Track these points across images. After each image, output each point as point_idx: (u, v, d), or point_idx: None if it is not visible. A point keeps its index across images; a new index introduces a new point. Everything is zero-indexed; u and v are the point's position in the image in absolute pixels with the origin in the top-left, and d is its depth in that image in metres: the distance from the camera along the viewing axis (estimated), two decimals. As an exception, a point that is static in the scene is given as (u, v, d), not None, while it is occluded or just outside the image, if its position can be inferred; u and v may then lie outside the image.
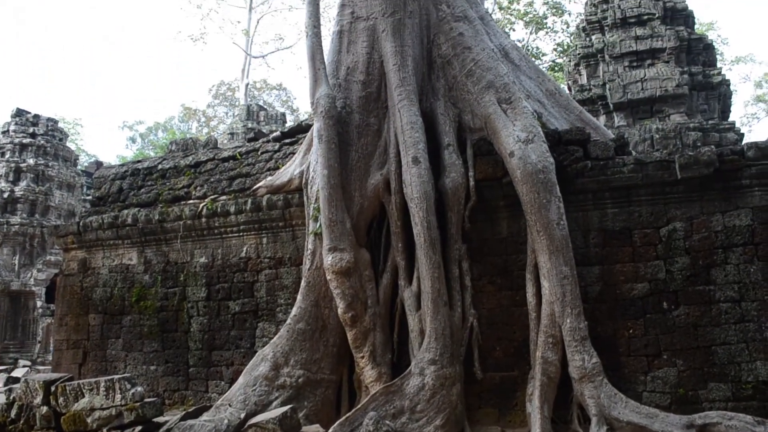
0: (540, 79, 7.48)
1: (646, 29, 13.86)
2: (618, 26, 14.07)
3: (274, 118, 22.57)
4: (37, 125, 22.68)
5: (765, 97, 40.59)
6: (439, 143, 6.62)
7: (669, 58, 13.63)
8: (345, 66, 6.97)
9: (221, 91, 40.74)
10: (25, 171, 21.72)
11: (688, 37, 13.90)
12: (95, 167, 30.34)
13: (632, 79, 13.33)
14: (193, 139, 10.30)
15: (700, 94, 13.65)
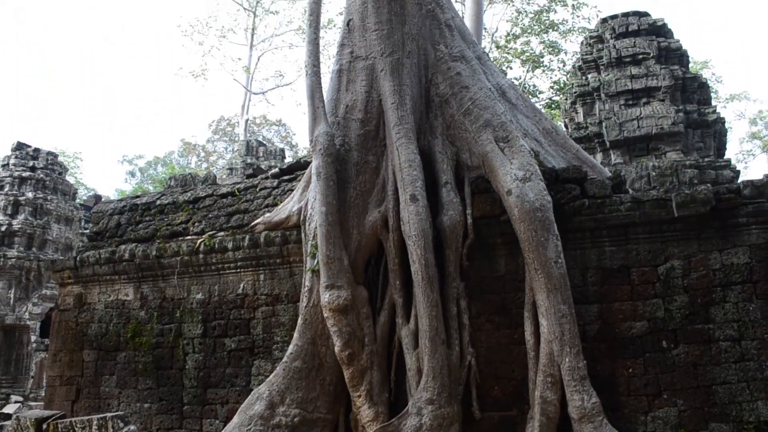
0: (537, 117, 7.56)
1: (641, 68, 14.05)
2: (613, 65, 14.27)
3: (273, 154, 22.72)
4: (37, 159, 22.81)
5: (760, 134, 40.99)
6: (436, 181, 6.65)
7: (664, 97, 13.79)
8: (344, 104, 7.05)
9: (221, 126, 41.08)
10: (24, 204, 21.75)
11: (683, 76, 14.09)
12: (94, 201, 30.39)
13: (628, 118, 13.46)
14: (192, 175, 10.35)
15: (695, 131, 13.78)
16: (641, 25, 14.87)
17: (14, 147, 22.93)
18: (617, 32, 14.77)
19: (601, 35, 15.14)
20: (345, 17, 7.52)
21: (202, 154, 42.64)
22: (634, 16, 15.13)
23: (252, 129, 37.23)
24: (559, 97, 23.45)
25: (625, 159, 13.53)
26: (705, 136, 13.84)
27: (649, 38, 14.54)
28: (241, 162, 21.56)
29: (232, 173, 20.85)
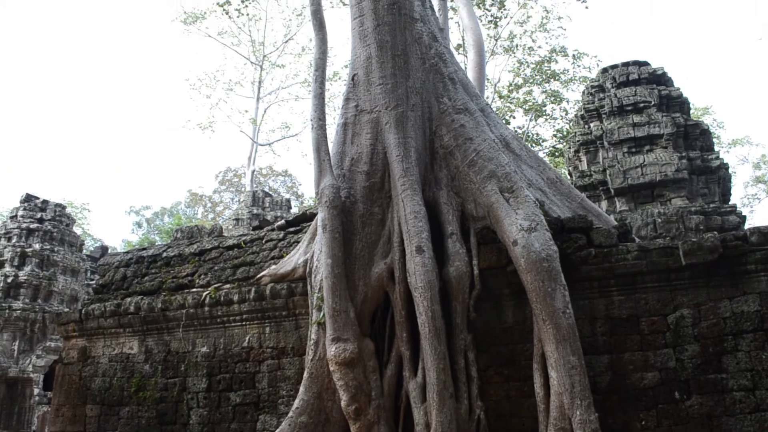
0: (541, 168, 7.61)
1: (643, 116, 14.18)
2: (615, 114, 14.42)
3: (279, 205, 22.84)
4: (45, 210, 23.00)
5: (764, 177, 41.03)
6: (442, 232, 6.65)
7: (667, 144, 13.88)
8: (349, 157, 7.12)
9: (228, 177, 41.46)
10: (31, 256, 21.83)
11: (685, 123, 14.19)
12: (100, 252, 30.49)
13: (632, 165, 13.53)
14: (198, 227, 10.40)
15: (699, 178, 13.81)
16: (641, 74, 15.08)
17: (23, 199, 23.19)
18: (618, 81, 14.97)
19: (602, 84, 15.35)
20: (350, 72, 7.67)
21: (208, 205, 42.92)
22: (634, 65, 15.36)
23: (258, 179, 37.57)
24: (563, 146, 23.66)
25: (630, 206, 13.53)
26: (709, 182, 13.86)
27: (650, 87, 14.73)
28: (248, 213, 21.66)
29: (239, 224, 20.94)
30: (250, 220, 19.79)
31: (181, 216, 43.07)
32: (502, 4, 19.75)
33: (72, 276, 23.15)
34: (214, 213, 41.77)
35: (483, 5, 19.50)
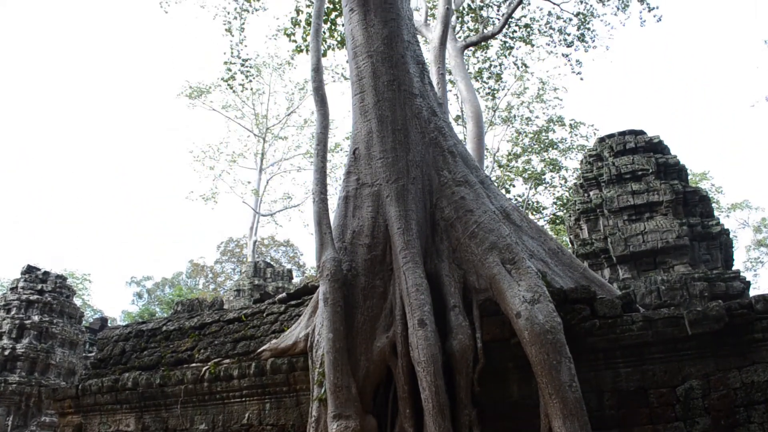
0: (542, 238, 7.62)
1: (642, 184, 14.31)
2: (614, 182, 14.56)
3: (281, 275, 22.78)
4: (46, 282, 22.95)
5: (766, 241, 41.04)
6: (444, 305, 6.60)
7: (667, 211, 13.94)
8: (351, 230, 7.15)
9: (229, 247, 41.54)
10: (29, 328, 21.62)
11: (683, 189, 14.30)
12: (99, 324, 30.21)
13: (633, 233, 13.55)
14: (199, 300, 10.34)
15: (701, 244, 13.80)
16: (638, 143, 15.31)
17: (24, 270, 23.19)
18: (615, 150, 15.19)
19: (600, 153, 15.56)
20: (351, 146, 7.79)
21: (210, 276, 42.81)
22: (631, 134, 15.62)
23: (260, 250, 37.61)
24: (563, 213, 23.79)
25: (633, 274, 13.48)
26: (711, 247, 13.85)
27: (647, 155, 14.93)
28: (249, 284, 21.59)
29: (240, 295, 20.84)
30: (252, 292, 19.72)
31: (183, 287, 42.89)
32: (499, 77, 20.28)
33: (70, 348, 22.87)
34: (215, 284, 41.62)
35: (480, 78, 20.03)
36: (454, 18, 17.22)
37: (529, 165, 25.54)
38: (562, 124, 25.48)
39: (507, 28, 18.36)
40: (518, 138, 25.85)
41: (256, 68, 30.36)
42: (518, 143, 25.84)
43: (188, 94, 32.76)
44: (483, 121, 16.06)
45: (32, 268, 23.40)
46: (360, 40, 7.74)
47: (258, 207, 31.90)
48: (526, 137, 25.75)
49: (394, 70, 7.53)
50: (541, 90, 25.48)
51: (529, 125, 25.82)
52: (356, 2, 7.86)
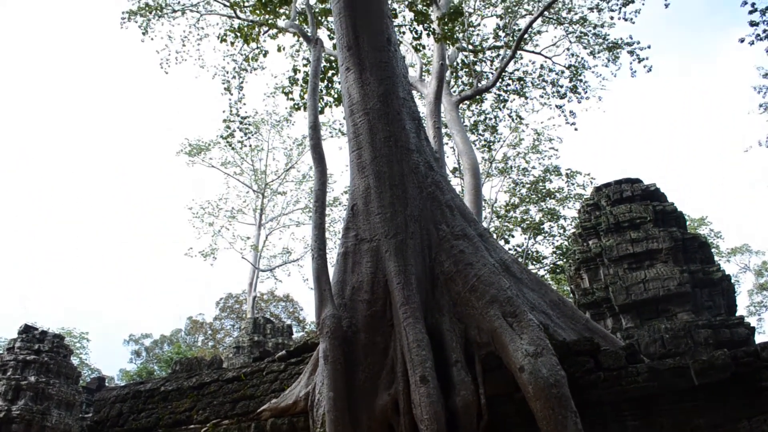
0: (542, 290, 7.59)
1: (640, 232, 14.34)
2: (612, 231, 14.59)
3: (281, 331, 22.57)
4: (43, 342, 22.74)
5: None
6: (446, 360, 6.51)
7: (667, 259, 13.93)
8: (350, 286, 7.12)
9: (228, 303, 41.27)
10: (25, 389, 21.32)
11: (682, 236, 14.32)
12: (96, 384, 29.75)
13: (634, 281, 13.50)
14: (197, 358, 10.20)
15: (703, 290, 13.75)
16: (635, 191, 15.42)
17: (21, 330, 23.02)
18: (612, 199, 15.28)
19: (597, 202, 15.65)
20: (349, 202, 7.83)
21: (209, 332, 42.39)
22: (627, 183, 15.74)
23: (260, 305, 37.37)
24: (563, 262, 23.75)
25: (636, 322, 13.38)
26: (713, 294, 13.79)
27: (644, 203, 15.01)
28: (248, 340, 21.38)
29: (239, 352, 20.59)
30: (251, 348, 19.50)
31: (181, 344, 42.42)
32: (495, 129, 20.55)
33: (67, 410, 22.49)
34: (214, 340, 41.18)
35: (476, 131, 20.30)
36: (448, 73, 17.57)
37: (528, 215, 25.66)
38: (559, 174, 25.71)
39: (500, 82, 18.70)
40: (516, 188, 26.05)
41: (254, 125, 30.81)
42: (516, 194, 26.02)
43: (188, 152, 33.11)
44: (480, 172, 16.20)
45: (30, 327, 23.24)
46: (356, 98, 7.87)
47: (257, 262, 31.86)
48: (523, 188, 25.95)
49: (390, 127, 7.64)
50: (537, 141, 25.82)
51: (525, 176, 26.06)
52: (352, 61, 8.03)
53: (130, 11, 17.40)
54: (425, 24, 13.27)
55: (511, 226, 25.37)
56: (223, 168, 33.89)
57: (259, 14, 14.76)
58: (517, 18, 19.75)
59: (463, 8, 18.46)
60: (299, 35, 12.43)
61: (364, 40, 8.04)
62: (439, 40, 13.90)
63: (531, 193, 25.66)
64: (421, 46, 16.97)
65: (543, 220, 25.64)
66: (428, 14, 13.75)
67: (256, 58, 16.51)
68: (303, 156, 33.89)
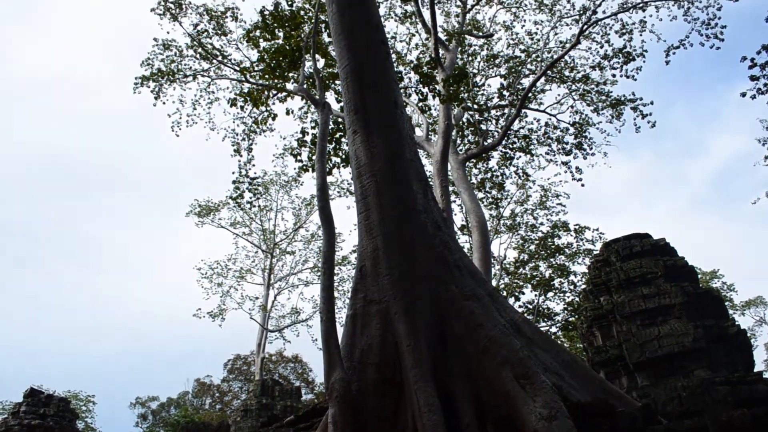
0: (555, 350, 7.48)
1: (652, 288, 14.22)
2: (623, 287, 14.47)
3: (290, 393, 22.22)
4: (49, 406, 22.47)
5: (786, 337, 40.18)
6: (458, 423, 6.37)
7: (680, 314, 13.76)
8: (359, 348, 7.04)
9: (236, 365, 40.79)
10: (30, 454, 20.96)
11: (695, 291, 14.19)
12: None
13: (648, 338, 13.31)
14: (204, 424, 10.05)
15: (719, 346, 13.52)
16: (644, 246, 15.36)
17: (26, 394, 22.79)
18: (622, 255, 15.22)
19: (607, 258, 15.58)
20: (357, 263, 7.83)
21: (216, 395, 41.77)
22: (636, 238, 15.70)
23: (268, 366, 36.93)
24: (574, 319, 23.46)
25: (652, 380, 13.11)
26: (729, 349, 13.55)
27: (654, 258, 14.93)
28: (256, 403, 21.03)
29: (247, 415, 20.21)
30: (259, 411, 19.16)
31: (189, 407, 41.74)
32: (502, 187, 20.68)
33: (71, 475, 22.03)
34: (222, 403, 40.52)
35: (483, 188, 20.43)
36: (454, 132, 17.83)
37: (537, 271, 25.52)
38: (567, 229, 25.69)
39: (506, 140, 18.92)
40: (524, 245, 26.00)
41: (263, 186, 31.17)
42: (525, 250, 25.96)
43: (197, 212, 33.39)
44: (488, 230, 16.21)
45: (35, 391, 23.02)
46: (364, 160, 7.97)
47: (266, 323, 31.67)
48: (532, 244, 25.91)
49: (397, 189, 7.70)
50: (544, 197, 25.92)
51: (534, 232, 26.06)
52: (359, 124, 8.17)
53: (143, 77, 17.84)
54: (431, 86, 13.54)
55: (521, 282, 25.20)
56: (232, 228, 34.10)
57: (268, 78, 15.12)
58: (520, 77, 20.12)
59: (467, 69, 18.87)
60: (307, 99, 12.70)
61: (370, 103, 8.20)
62: (444, 102, 14.15)
63: (540, 250, 25.59)
64: (427, 107, 17.29)
65: (553, 277, 25.48)
66: (434, 76, 14.05)
67: (265, 121, 16.81)
68: (311, 215, 34.13)
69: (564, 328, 25.16)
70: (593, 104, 19.54)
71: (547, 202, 25.89)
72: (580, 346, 20.21)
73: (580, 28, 17.64)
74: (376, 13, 8.99)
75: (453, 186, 17.88)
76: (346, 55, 8.46)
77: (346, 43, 8.53)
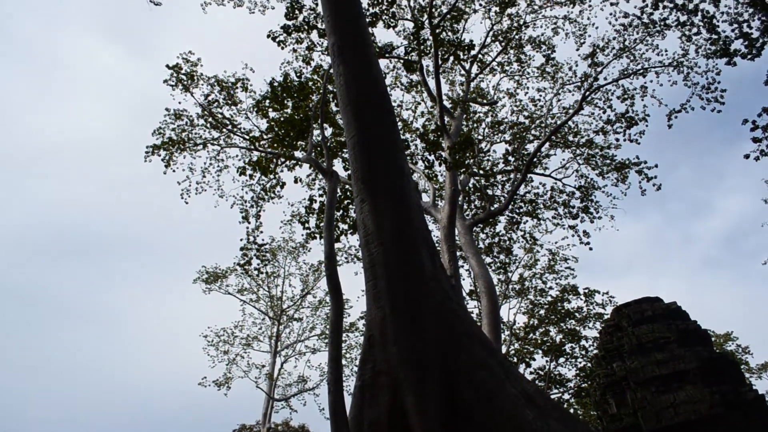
0: (569, 421, 7.29)
1: (665, 353, 13.97)
2: (636, 352, 14.22)
3: (296, 466, 21.60)
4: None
5: (808, 404, 39.04)
6: (471, 499, 6.18)
7: (695, 380, 13.46)
8: (368, 421, 6.89)
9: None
10: None
11: (709, 356, 13.93)
12: None
13: (663, 405, 12.98)
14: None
15: (736, 412, 13.17)
16: (655, 311, 15.17)
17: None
18: (633, 319, 15.02)
19: (618, 323, 15.37)
20: (366, 333, 7.75)
21: (222, 467, 40.58)
22: (647, 302, 15.53)
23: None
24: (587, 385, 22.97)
25: (670, 450, 12.71)
26: (748, 415, 13.18)
27: (667, 322, 14.73)
28: (263, 475, 20.43)
29: (253, 489, 19.61)
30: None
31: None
32: (509, 251, 20.65)
33: None
34: (227, 476, 39.29)
35: (491, 253, 20.41)
36: (460, 197, 17.94)
37: (548, 336, 25.17)
38: (577, 293, 25.49)
39: (513, 204, 19.04)
40: (534, 310, 25.75)
41: (271, 252, 31.22)
42: (534, 315, 25.69)
43: (204, 279, 33.34)
44: (497, 295, 16.09)
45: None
46: (371, 228, 8.01)
47: (272, 392, 31.10)
48: (541, 308, 25.66)
49: (405, 257, 7.71)
50: (552, 261, 25.83)
51: (543, 296, 25.84)
52: (366, 193, 8.25)
53: (155, 145, 18.19)
54: (436, 153, 13.73)
55: (531, 348, 24.82)
56: (239, 295, 33.96)
57: (276, 147, 15.39)
58: (525, 143, 20.41)
59: (472, 135, 19.17)
60: (315, 168, 12.88)
61: (378, 172, 8.31)
62: (450, 169, 14.32)
63: (550, 314, 25.33)
64: (433, 174, 17.49)
65: (564, 342, 25.10)
66: (439, 143, 14.27)
67: (273, 189, 17.02)
68: (319, 281, 33.99)
69: (577, 395, 24.58)
70: (598, 168, 19.73)
71: (556, 265, 25.80)
72: (594, 413, 19.69)
73: (583, 94, 17.99)
74: (382, 84, 9.23)
75: (460, 251, 17.88)
76: (354, 125, 8.64)
77: (353, 114, 8.72)
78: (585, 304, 25.48)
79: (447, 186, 15.51)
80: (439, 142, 14.03)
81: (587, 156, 19.83)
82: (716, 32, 15.52)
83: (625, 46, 18.34)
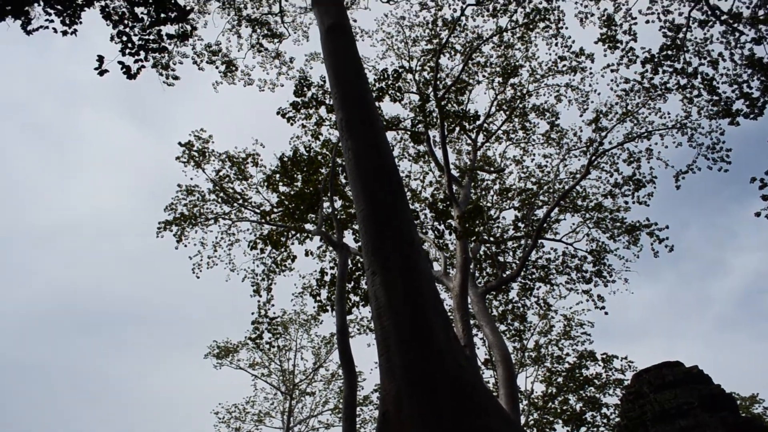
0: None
1: (690, 420, 13.56)
2: (659, 419, 13.81)
3: None
4: None
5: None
6: None
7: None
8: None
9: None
10: None
11: (735, 421, 13.50)
12: None
13: (691, 476, 12.49)
14: None
15: (769, 481, 12.65)
16: (677, 375, 14.81)
17: None
18: (655, 385, 14.66)
19: (639, 390, 14.99)
20: (380, 408, 7.59)
21: None
22: (667, 367, 15.18)
23: None
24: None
25: None
26: (781, 483, 12.65)
27: (689, 386, 14.35)
28: None
29: None
30: None
31: None
32: (524, 318, 20.40)
33: None
34: None
35: (505, 321, 20.16)
36: (472, 265, 17.89)
37: (567, 405, 24.49)
38: (595, 359, 24.96)
39: (525, 271, 18.93)
40: (551, 377, 25.17)
41: (282, 325, 30.99)
42: (552, 383, 25.10)
43: (215, 354, 32.99)
44: (513, 363, 15.80)
45: None
46: (383, 300, 7.96)
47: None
48: (559, 376, 25.09)
49: (418, 329, 7.62)
50: (568, 327, 25.43)
51: (560, 363, 25.31)
52: (378, 265, 8.25)
53: (166, 221, 18.39)
54: (446, 222, 13.79)
55: (551, 418, 24.13)
56: (251, 370, 33.50)
57: (287, 221, 15.52)
58: (534, 209, 20.47)
59: (481, 203, 19.29)
60: (326, 240, 12.95)
61: (388, 244, 8.33)
62: (460, 237, 14.34)
63: (568, 382, 24.74)
64: (444, 243, 17.51)
65: (584, 410, 24.40)
66: (449, 212, 14.36)
67: (284, 262, 17.06)
68: (331, 354, 33.55)
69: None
70: (609, 231, 19.70)
71: (572, 331, 25.39)
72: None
73: (589, 159, 18.17)
74: (390, 156, 9.38)
75: (474, 319, 17.69)
76: (363, 198, 8.73)
77: (362, 187, 8.83)
78: (604, 371, 24.91)
79: (458, 254, 15.49)
80: (448, 212, 14.11)
81: (597, 219, 19.84)
82: (717, 93, 15.76)
83: (627, 111, 18.62)
